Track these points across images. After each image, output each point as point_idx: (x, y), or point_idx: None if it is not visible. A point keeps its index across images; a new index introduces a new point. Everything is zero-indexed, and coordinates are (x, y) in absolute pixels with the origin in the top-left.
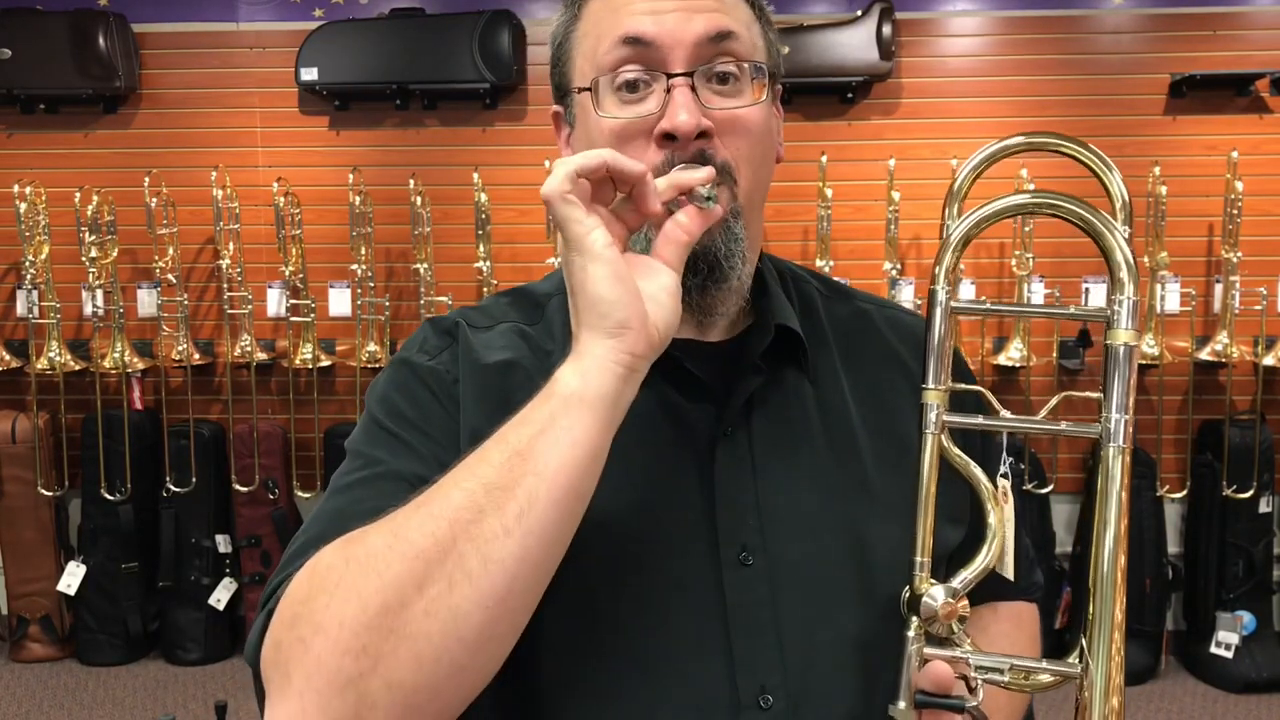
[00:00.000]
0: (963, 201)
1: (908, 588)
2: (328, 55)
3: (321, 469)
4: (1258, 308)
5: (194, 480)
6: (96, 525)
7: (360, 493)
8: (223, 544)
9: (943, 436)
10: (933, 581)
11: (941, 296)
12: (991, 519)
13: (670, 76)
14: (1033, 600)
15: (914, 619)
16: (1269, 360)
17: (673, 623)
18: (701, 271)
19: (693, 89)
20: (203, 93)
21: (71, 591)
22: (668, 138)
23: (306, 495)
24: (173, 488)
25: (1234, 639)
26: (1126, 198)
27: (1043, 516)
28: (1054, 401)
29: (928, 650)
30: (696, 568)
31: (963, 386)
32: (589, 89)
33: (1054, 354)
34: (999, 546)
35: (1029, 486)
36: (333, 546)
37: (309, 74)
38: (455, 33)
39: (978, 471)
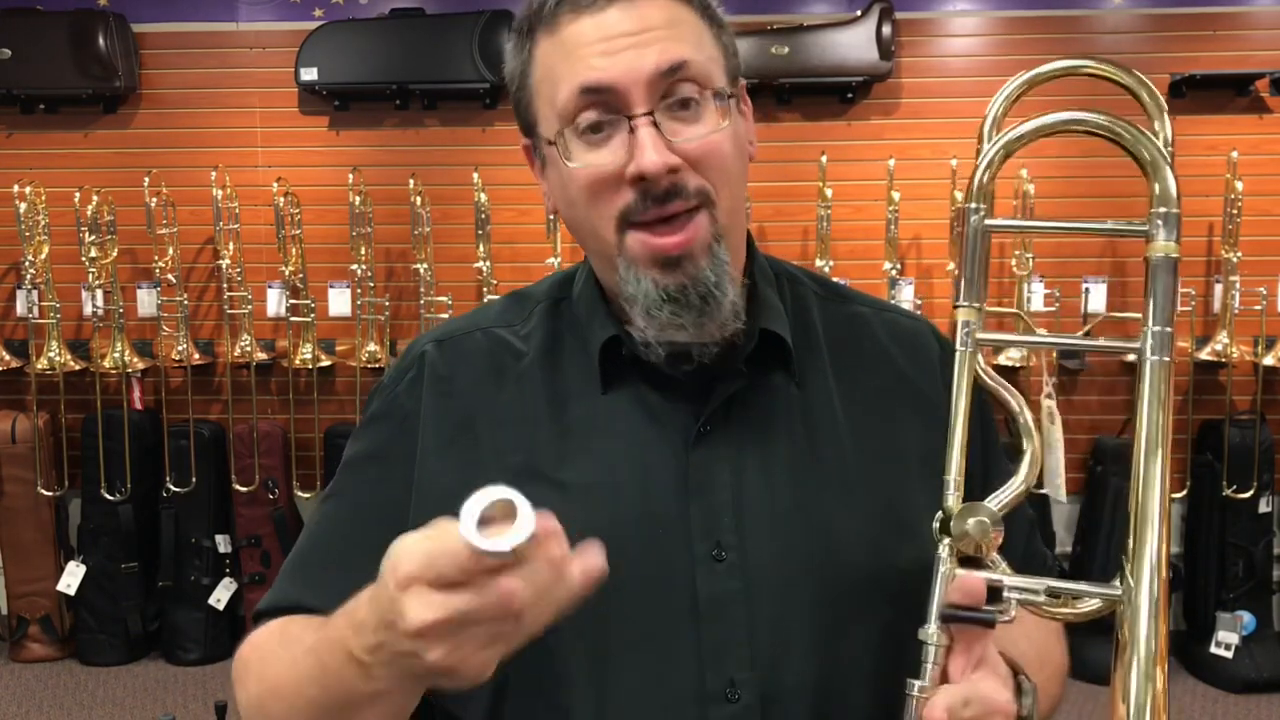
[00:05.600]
0: (998, 125)
1: (940, 511)
2: (328, 55)
3: (321, 469)
4: (1258, 308)
5: (194, 480)
6: (96, 525)
7: (326, 529)
8: (223, 544)
9: (978, 357)
10: (966, 503)
11: (974, 220)
12: (1025, 445)
13: (631, 118)
14: None
15: (945, 540)
16: (1269, 360)
17: (643, 615)
18: (694, 306)
19: (655, 125)
20: (203, 93)
21: (71, 591)
22: (639, 179)
23: (306, 495)
24: (173, 488)
25: (1234, 639)
26: (1169, 134)
27: (1043, 517)
28: (1095, 321)
29: (960, 572)
30: (670, 562)
31: (998, 309)
32: (554, 142)
33: (1054, 354)
34: (1036, 468)
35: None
36: (249, 651)
37: (309, 74)
38: (455, 33)
39: (1012, 394)
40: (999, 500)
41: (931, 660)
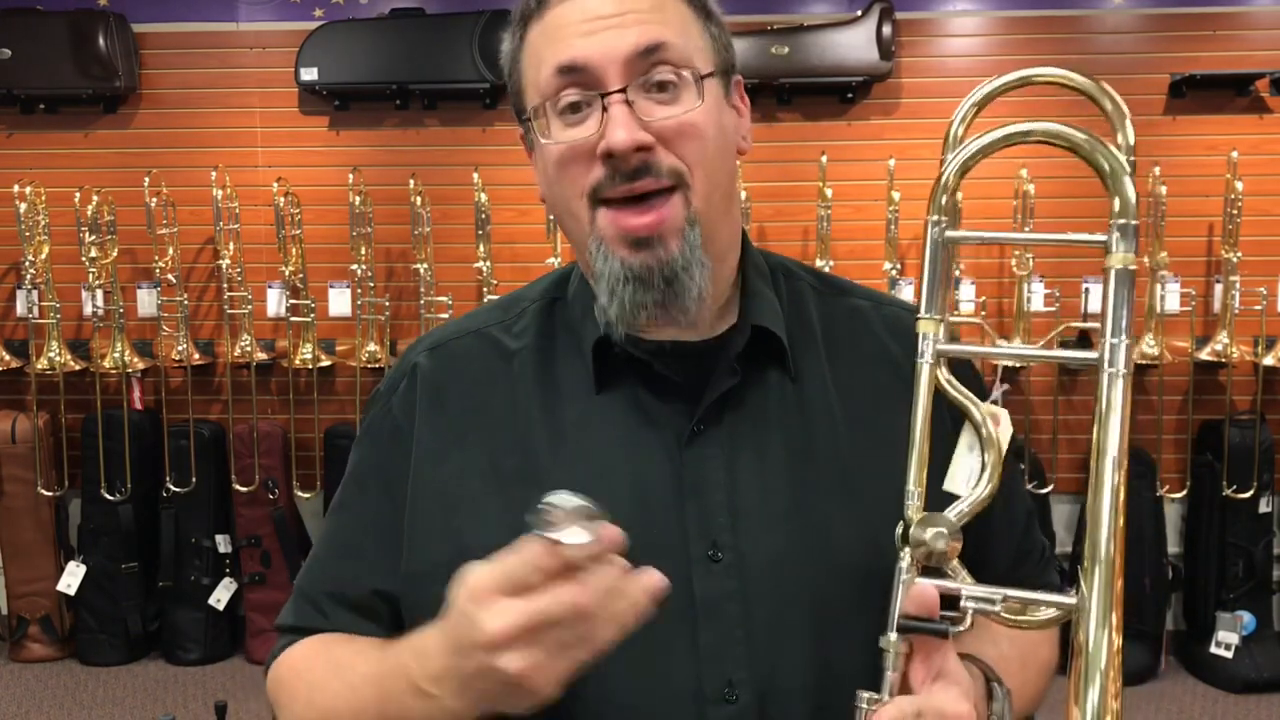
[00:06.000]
0: (959, 140)
1: (902, 521)
2: (328, 55)
3: (321, 469)
4: (1258, 308)
5: (194, 480)
6: (96, 525)
7: (331, 543)
8: (223, 544)
9: (941, 369)
10: (926, 513)
11: (934, 232)
12: (987, 456)
13: (605, 95)
14: None
15: (905, 551)
16: (1269, 360)
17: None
18: (658, 286)
19: (629, 104)
20: (203, 93)
21: (71, 591)
22: (609, 156)
23: (306, 495)
24: (173, 488)
25: (1234, 639)
26: (1132, 141)
27: (1043, 517)
28: (1056, 331)
29: (919, 580)
30: (666, 563)
31: (960, 319)
32: (533, 117)
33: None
34: (997, 478)
35: (1029, 486)
36: (290, 673)
37: (309, 74)
38: (455, 33)
39: (974, 405)
40: (958, 510)
41: (890, 668)
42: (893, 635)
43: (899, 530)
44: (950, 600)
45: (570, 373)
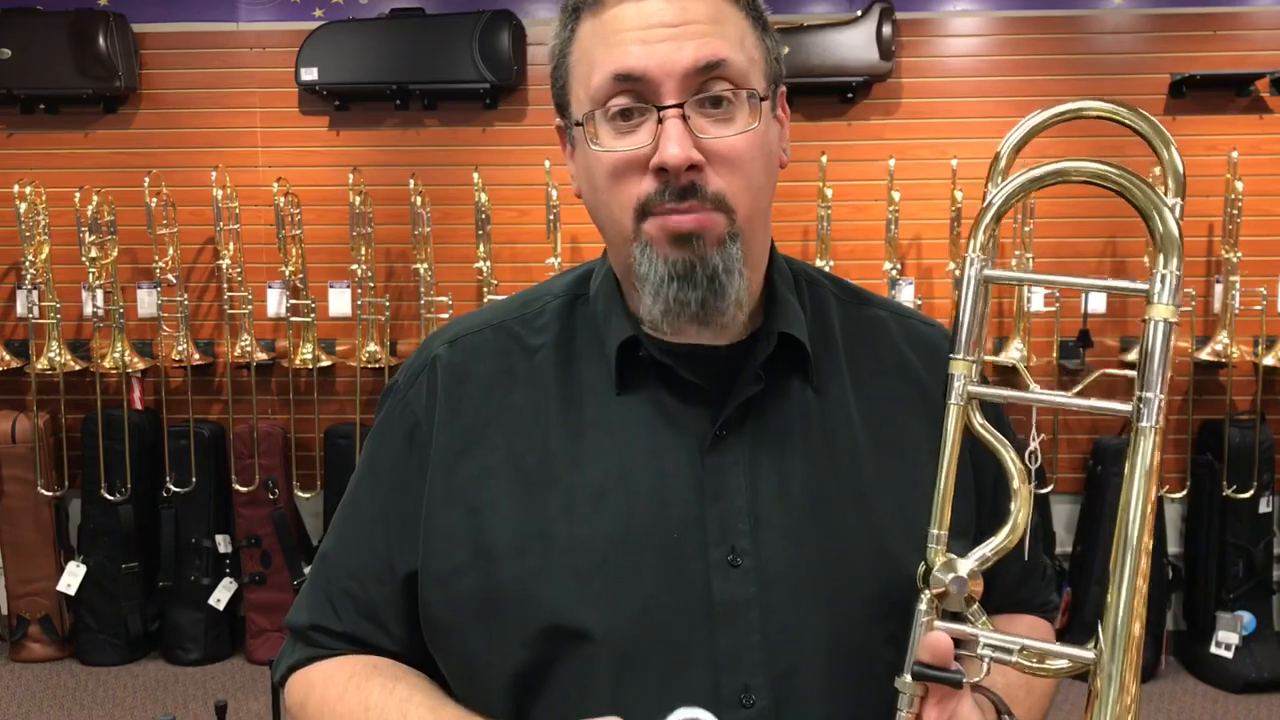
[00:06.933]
0: (1004, 173)
1: (923, 561)
2: (328, 55)
3: (321, 469)
4: (1258, 308)
5: (194, 480)
6: (96, 525)
7: (344, 539)
8: (223, 544)
9: (971, 409)
10: (949, 556)
11: (973, 270)
12: (1013, 503)
13: (661, 109)
14: (1048, 619)
15: (925, 593)
16: (1269, 360)
17: (658, 620)
18: (700, 285)
19: (684, 118)
20: (203, 93)
21: (71, 591)
22: (661, 169)
23: (306, 495)
24: (173, 488)
25: (1234, 639)
26: (1180, 170)
27: (1043, 517)
28: (1090, 379)
29: (938, 624)
30: (685, 567)
31: (994, 358)
32: (582, 123)
33: (1054, 354)
34: (1021, 526)
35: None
36: (320, 707)
37: (309, 74)
38: (455, 33)
39: (1005, 448)
40: (980, 554)
41: (905, 709)
42: (908, 677)
43: (920, 570)
44: (966, 644)
45: (591, 372)
